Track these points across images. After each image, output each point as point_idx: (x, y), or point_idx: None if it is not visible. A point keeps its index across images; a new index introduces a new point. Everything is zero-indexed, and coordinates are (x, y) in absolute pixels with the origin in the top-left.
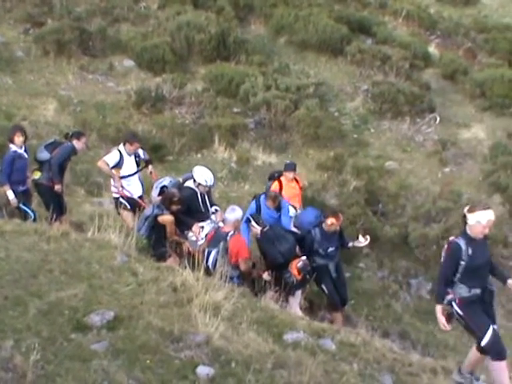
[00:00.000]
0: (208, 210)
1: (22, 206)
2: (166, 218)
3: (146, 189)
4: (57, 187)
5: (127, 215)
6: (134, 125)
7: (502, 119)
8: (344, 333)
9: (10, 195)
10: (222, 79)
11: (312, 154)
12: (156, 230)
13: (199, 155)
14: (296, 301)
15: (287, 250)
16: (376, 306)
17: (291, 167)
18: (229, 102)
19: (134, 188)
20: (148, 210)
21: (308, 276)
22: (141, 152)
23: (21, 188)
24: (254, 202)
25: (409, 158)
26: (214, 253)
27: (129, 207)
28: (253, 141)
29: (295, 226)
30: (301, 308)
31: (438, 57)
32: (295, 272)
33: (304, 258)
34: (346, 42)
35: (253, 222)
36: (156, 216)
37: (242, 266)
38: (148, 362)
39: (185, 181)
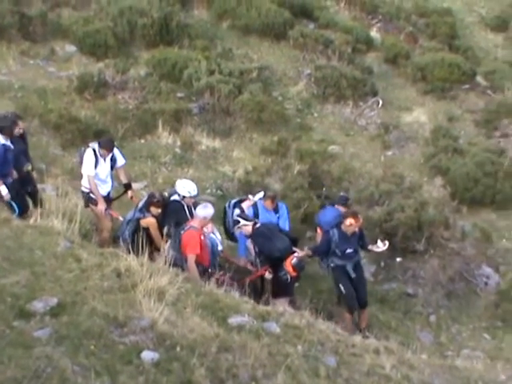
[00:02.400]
0: None
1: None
2: (149, 221)
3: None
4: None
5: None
6: (76, 110)
7: (442, 103)
8: (288, 315)
9: (4, 190)
10: (166, 64)
11: (256, 138)
12: (139, 234)
13: (143, 140)
14: (287, 299)
15: (285, 247)
16: (320, 289)
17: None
18: (172, 86)
19: (104, 187)
20: (129, 214)
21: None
22: (118, 156)
23: (10, 180)
24: (251, 208)
25: (352, 141)
26: (168, 243)
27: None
28: (197, 125)
29: (317, 226)
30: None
31: (380, 41)
32: (290, 269)
33: (297, 254)
34: (288, 27)
35: (242, 221)
36: (138, 219)
37: (188, 262)
38: (92, 347)
39: (170, 196)
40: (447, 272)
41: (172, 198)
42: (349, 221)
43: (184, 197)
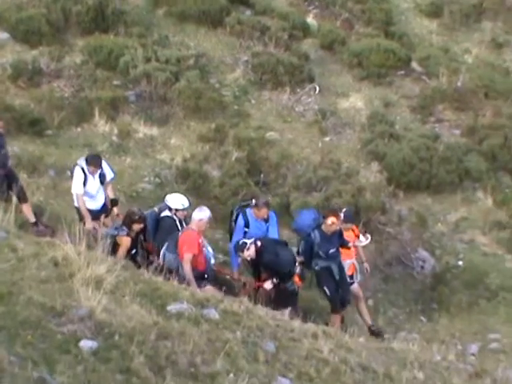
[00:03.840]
0: None
1: None
2: (123, 240)
3: None
4: None
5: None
6: (10, 99)
7: (378, 88)
8: (227, 302)
9: None
10: (101, 51)
11: (193, 125)
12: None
13: (79, 129)
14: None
15: (291, 258)
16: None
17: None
18: (108, 74)
19: (95, 203)
20: (110, 229)
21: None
22: (107, 170)
23: (1, 172)
24: (240, 216)
25: (289, 128)
26: (164, 246)
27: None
28: (134, 113)
29: (294, 231)
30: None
31: (317, 27)
32: (297, 279)
33: (297, 264)
34: (225, 13)
35: (248, 246)
36: (114, 236)
37: (184, 261)
38: (29, 337)
39: (161, 211)
40: (384, 256)
41: (163, 214)
42: (330, 220)
43: (177, 210)
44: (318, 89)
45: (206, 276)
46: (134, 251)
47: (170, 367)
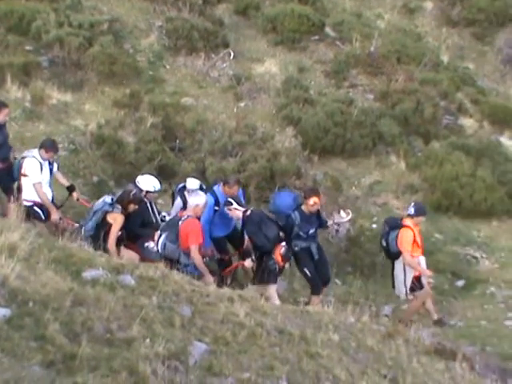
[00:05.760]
0: (158, 219)
1: None
2: (116, 216)
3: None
4: None
5: (42, 226)
6: None
7: (293, 54)
8: (143, 268)
9: None
10: (12, 16)
11: (108, 91)
12: (103, 229)
13: None
14: (274, 288)
15: (275, 235)
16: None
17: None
18: (20, 39)
19: (49, 193)
20: (98, 204)
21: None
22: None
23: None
24: (209, 195)
25: (205, 93)
26: (163, 236)
27: (42, 217)
28: (47, 79)
29: (272, 212)
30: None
31: None
32: (279, 258)
33: (284, 243)
34: None
35: (235, 204)
36: (106, 213)
37: (193, 253)
38: None
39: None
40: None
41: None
42: (313, 200)
43: (148, 192)
44: (232, 54)
45: (204, 261)
46: (120, 233)
47: (85, 333)
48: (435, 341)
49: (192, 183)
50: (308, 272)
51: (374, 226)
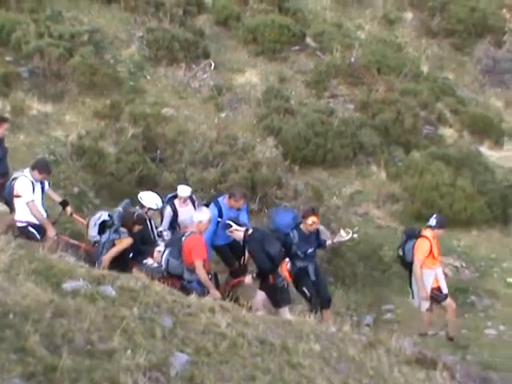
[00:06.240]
0: (155, 236)
1: None
2: (125, 241)
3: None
4: None
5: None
6: None
7: (273, 64)
8: (124, 278)
9: None
10: None
11: (88, 102)
12: (116, 256)
13: None
14: (287, 308)
15: (278, 252)
16: None
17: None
18: (0, 50)
19: (43, 212)
20: (104, 236)
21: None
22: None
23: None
24: (213, 206)
25: (185, 104)
26: (166, 251)
27: (38, 237)
28: (27, 90)
29: (271, 230)
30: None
31: (211, 3)
32: (286, 274)
33: (288, 259)
34: None
35: (234, 225)
36: (113, 241)
37: (197, 269)
38: None
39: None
40: None
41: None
42: (311, 219)
43: (149, 209)
44: (213, 65)
45: (209, 277)
46: (131, 254)
47: (66, 345)
48: (416, 350)
49: (184, 190)
50: (307, 292)
51: (355, 235)
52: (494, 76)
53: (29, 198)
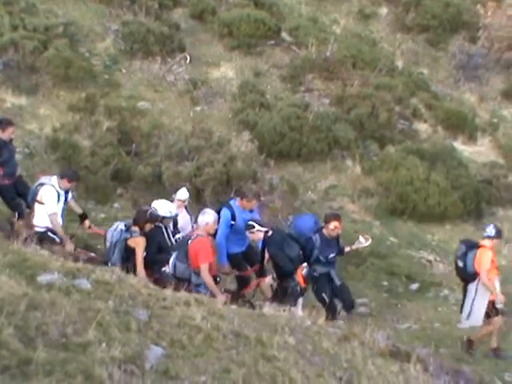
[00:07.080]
0: (173, 243)
1: None
2: (138, 240)
3: None
4: None
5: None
6: None
7: (249, 58)
8: (99, 272)
9: None
10: None
11: (63, 95)
12: (129, 256)
13: None
14: (299, 309)
15: (296, 255)
16: None
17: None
18: None
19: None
20: (115, 235)
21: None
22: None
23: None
24: (226, 209)
25: (161, 97)
26: (173, 255)
27: (58, 240)
28: (1, 83)
29: (291, 237)
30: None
31: None
32: (301, 279)
33: (305, 264)
34: None
35: (257, 226)
36: (125, 240)
37: (202, 272)
38: None
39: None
40: None
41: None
42: (333, 224)
43: (164, 217)
44: (188, 58)
45: (218, 280)
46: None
47: (40, 338)
48: (390, 343)
49: (183, 194)
50: (326, 298)
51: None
52: (468, 71)
53: (52, 211)
